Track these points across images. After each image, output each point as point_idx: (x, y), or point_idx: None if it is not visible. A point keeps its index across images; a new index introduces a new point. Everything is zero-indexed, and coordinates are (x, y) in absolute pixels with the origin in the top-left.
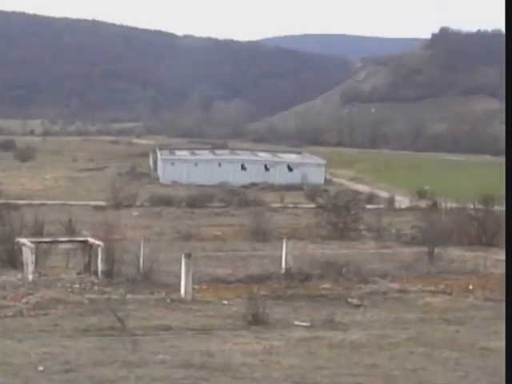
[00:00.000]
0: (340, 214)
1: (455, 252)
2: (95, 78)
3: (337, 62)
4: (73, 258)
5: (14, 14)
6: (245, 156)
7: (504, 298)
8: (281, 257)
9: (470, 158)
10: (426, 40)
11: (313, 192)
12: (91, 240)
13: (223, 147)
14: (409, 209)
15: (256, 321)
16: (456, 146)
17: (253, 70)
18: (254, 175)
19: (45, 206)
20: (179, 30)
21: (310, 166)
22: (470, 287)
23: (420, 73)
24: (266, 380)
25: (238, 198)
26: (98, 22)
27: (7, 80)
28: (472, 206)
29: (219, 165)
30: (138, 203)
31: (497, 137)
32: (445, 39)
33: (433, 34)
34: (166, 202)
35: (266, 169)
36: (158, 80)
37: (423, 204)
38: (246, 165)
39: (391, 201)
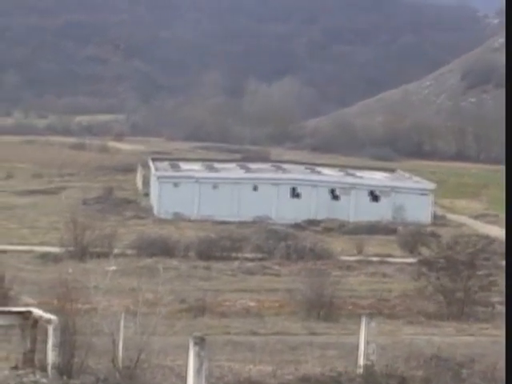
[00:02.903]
0: (459, 276)
1: None
2: (45, 38)
3: (458, 17)
4: (5, 341)
5: None
6: (298, 174)
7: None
8: (357, 346)
9: None
10: None
11: (412, 237)
12: (37, 312)
13: (262, 158)
14: None
15: None
16: None
17: (312, 29)
18: (314, 207)
19: None
20: None
21: (409, 194)
22: None
23: None
24: None
25: (285, 244)
26: None
27: None
28: None
29: (254, 188)
30: (116, 251)
31: None
32: None
33: None
34: (164, 249)
35: (334, 196)
36: (151, 43)
37: None
38: (300, 189)
39: None
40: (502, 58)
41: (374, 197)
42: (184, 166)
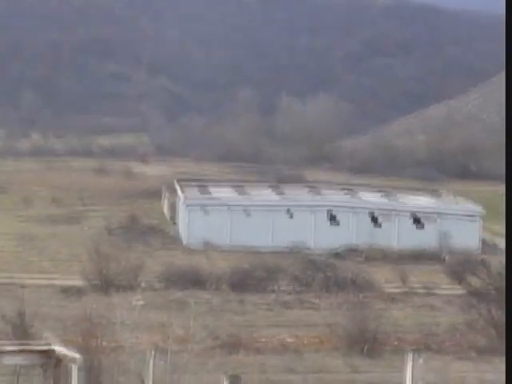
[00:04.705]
0: None
1: None
2: (64, 54)
3: (503, 25)
4: (26, 382)
5: None
6: (336, 198)
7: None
8: None
9: None
10: None
11: (461, 266)
12: (60, 350)
13: (296, 181)
14: None
15: None
16: None
17: (349, 41)
18: (354, 234)
19: None
20: None
21: (456, 219)
22: None
23: None
24: None
25: (323, 275)
26: None
27: None
28: None
29: (289, 214)
30: (143, 284)
31: None
32: None
33: None
34: (195, 281)
35: (375, 222)
36: (177, 58)
37: None
38: (338, 214)
39: None
40: None
41: (418, 223)
42: (214, 190)
